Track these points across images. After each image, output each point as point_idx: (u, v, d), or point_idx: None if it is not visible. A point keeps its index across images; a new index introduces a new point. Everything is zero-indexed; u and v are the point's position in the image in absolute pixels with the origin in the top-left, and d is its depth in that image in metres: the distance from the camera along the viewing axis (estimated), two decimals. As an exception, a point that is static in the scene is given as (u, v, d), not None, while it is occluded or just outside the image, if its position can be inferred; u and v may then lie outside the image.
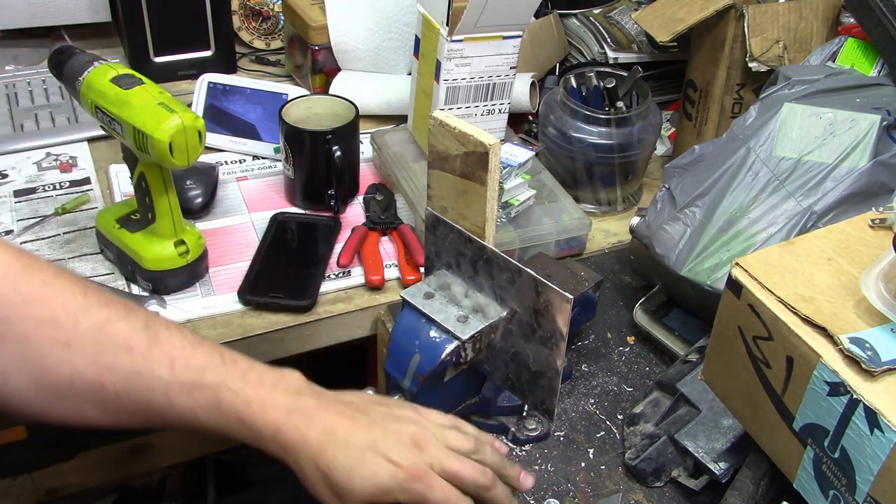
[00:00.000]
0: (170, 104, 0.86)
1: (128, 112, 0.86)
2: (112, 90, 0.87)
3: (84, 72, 0.89)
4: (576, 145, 1.09)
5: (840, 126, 0.89)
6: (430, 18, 1.07)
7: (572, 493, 0.78)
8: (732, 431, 0.76)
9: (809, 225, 0.85)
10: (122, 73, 0.89)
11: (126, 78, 0.88)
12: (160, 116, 0.85)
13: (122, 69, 0.90)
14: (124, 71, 0.89)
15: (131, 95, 0.86)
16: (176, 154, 0.86)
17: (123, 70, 0.89)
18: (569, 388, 0.89)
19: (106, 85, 0.87)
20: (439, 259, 0.77)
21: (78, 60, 0.90)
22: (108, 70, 0.89)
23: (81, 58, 0.91)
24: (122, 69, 0.90)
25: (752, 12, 1.07)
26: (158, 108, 0.86)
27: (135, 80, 0.88)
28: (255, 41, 1.45)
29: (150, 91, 0.87)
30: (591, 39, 1.32)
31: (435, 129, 0.84)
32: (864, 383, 0.58)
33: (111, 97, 0.87)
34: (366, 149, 1.20)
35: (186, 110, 0.87)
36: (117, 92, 0.87)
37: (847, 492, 0.60)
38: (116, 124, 0.88)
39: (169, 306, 0.95)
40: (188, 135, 0.86)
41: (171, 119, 0.85)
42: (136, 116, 0.85)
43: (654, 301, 0.96)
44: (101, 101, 0.88)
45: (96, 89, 0.88)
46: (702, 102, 1.16)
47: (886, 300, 0.61)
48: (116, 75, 0.88)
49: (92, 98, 0.89)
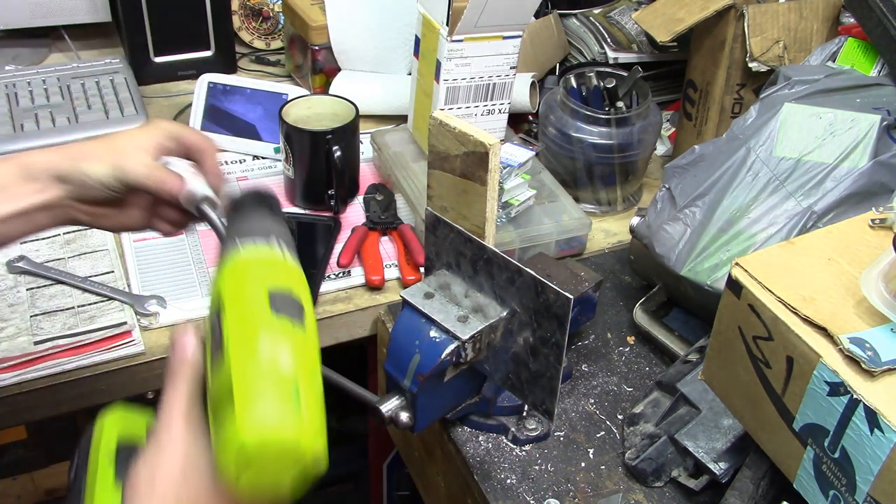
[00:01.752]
0: (303, 389, 0.49)
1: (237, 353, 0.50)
2: (256, 305, 0.51)
3: (231, 251, 0.56)
4: (576, 145, 1.09)
5: (840, 126, 0.89)
6: (430, 18, 1.07)
7: (572, 493, 0.78)
8: (732, 431, 0.76)
9: (809, 225, 0.85)
10: (286, 291, 0.53)
11: (289, 301, 0.52)
12: (268, 398, 0.48)
13: (289, 277, 0.54)
14: (292, 284, 0.54)
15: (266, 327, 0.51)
16: (245, 475, 0.48)
17: (291, 280, 0.54)
18: (569, 388, 0.89)
19: (253, 292, 0.52)
20: (439, 259, 0.77)
21: (243, 226, 0.58)
22: (270, 265, 0.55)
23: (252, 225, 0.58)
24: (289, 277, 0.54)
25: (752, 12, 1.07)
26: (279, 383, 0.49)
27: (298, 310, 0.52)
28: (255, 41, 1.45)
29: (307, 341, 0.52)
30: (591, 39, 1.32)
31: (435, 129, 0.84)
32: (864, 383, 0.58)
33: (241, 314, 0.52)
34: (366, 149, 1.20)
35: (317, 412, 0.50)
36: (261, 315, 0.51)
37: (847, 492, 0.60)
38: (217, 352, 0.51)
39: (169, 306, 0.95)
40: (286, 464, 0.48)
41: (276, 416, 0.48)
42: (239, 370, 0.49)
43: (654, 301, 0.96)
44: (226, 305, 0.52)
45: (236, 290, 0.53)
46: (702, 102, 1.16)
47: (886, 300, 0.61)
48: (278, 289, 0.53)
49: (217, 294, 0.54)
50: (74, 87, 1.28)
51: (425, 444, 0.92)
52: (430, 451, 0.91)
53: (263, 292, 0.52)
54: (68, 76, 1.31)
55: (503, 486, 0.78)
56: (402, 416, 0.72)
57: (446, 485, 0.89)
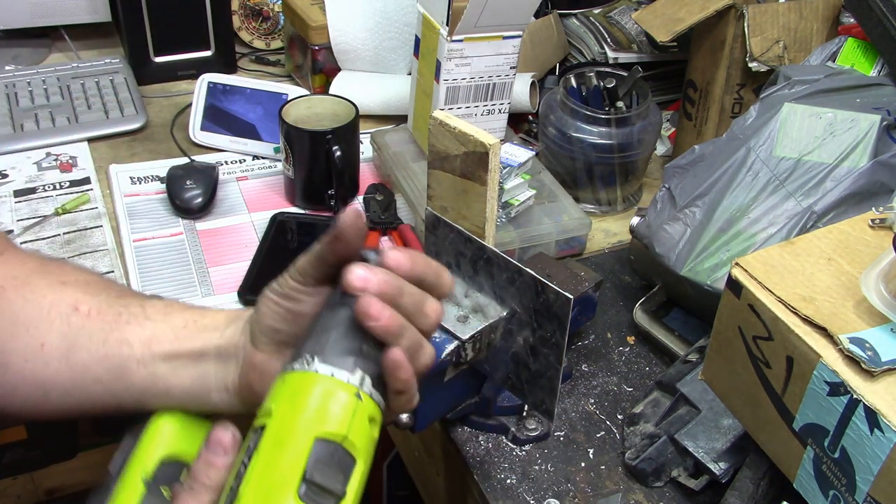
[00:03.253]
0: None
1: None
2: (285, 479, 0.47)
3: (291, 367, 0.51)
4: (576, 145, 1.09)
5: (840, 126, 0.89)
6: (430, 18, 1.07)
7: (572, 493, 0.78)
8: (732, 431, 0.76)
9: (809, 225, 0.85)
10: (335, 444, 0.49)
11: (332, 467, 0.48)
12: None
13: (351, 425, 0.49)
14: (350, 432, 0.49)
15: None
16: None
17: (353, 427, 0.50)
18: (569, 388, 0.89)
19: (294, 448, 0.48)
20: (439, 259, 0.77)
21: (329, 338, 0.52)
22: (331, 403, 0.50)
23: (338, 343, 0.52)
24: (351, 425, 0.49)
25: (752, 12, 1.07)
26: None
27: (340, 480, 0.48)
28: (255, 41, 1.45)
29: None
30: (591, 39, 1.32)
31: (435, 129, 0.84)
32: (864, 383, 0.58)
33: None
34: (366, 149, 1.20)
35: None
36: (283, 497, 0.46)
37: (847, 492, 0.60)
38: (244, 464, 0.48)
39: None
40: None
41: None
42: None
43: (654, 301, 0.96)
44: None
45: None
46: (702, 102, 1.16)
47: (886, 300, 0.61)
48: (326, 445, 0.48)
49: (266, 411, 0.50)
50: (74, 87, 1.28)
51: (425, 444, 0.92)
52: (430, 451, 0.91)
53: (304, 453, 0.47)
54: (68, 76, 1.31)
55: (503, 486, 0.78)
56: (402, 416, 0.72)
57: (446, 485, 0.89)
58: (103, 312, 0.61)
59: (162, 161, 1.18)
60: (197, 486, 0.50)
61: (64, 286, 0.62)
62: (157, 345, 0.60)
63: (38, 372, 0.60)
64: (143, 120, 1.25)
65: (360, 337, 0.52)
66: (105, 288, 0.64)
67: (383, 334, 0.52)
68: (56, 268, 0.65)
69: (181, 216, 1.09)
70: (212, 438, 0.51)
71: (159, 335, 0.60)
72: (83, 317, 0.61)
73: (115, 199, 1.11)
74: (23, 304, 0.61)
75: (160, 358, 0.60)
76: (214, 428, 0.51)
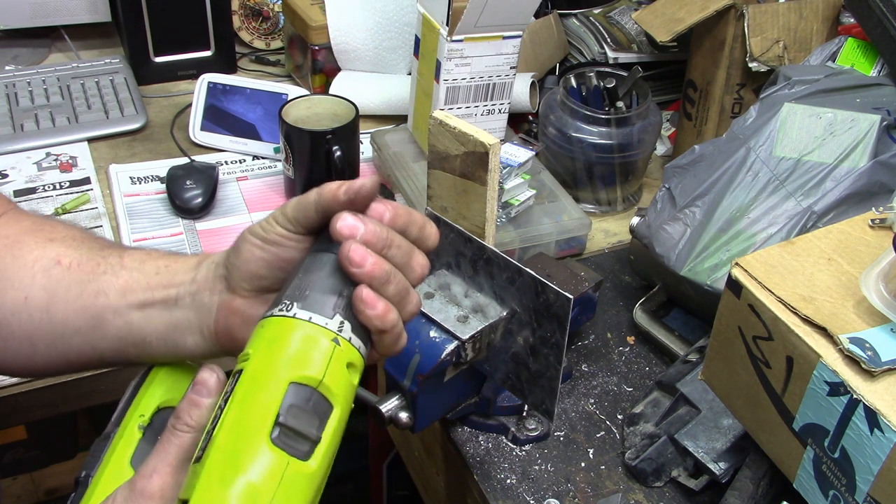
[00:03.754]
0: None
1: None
2: (258, 423, 0.47)
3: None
4: (576, 145, 1.09)
5: (840, 126, 0.89)
6: (430, 18, 1.07)
7: (572, 493, 0.78)
8: (732, 431, 0.76)
9: (809, 225, 0.85)
10: (310, 389, 0.49)
11: (306, 412, 0.48)
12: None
13: (328, 369, 0.49)
14: (327, 377, 0.49)
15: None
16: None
17: (331, 372, 0.50)
18: (569, 388, 0.89)
19: (268, 393, 0.48)
20: (439, 259, 0.77)
21: (308, 283, 0.52)
22: (311, 348, 0.50)
23: (318, 287, 0.52)
24: (328, 369, 0.49)
25: (752, 12, 1.07)
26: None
27: (315, 425, 0.48)
28: (255, 41, 1.45)
29: (301, 478, 0.47)
30: (591, 39, 1.32)
31: (435, 129, 0.84)
32: (864, 383, 0.58)
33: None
34: (366, 149, 1.20)
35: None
36: (255, 442, 0.46)
37: (847, 492, 0.60)
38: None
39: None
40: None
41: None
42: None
43: (654, 301, 0.96)
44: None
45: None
46: (702, 102, 1.16)
47: (886, 300, 0.61)
48: (301, 388, 0.48)
49: (244, 355, 0.50)
50: (74, 87, 1.28)
51: (425, 444, 0.92)
52: (430, 451, 0.91)
53: (278, 396, 0.47)
54: (68, 76, 1.31)
55: (503, 486, 0.78)
56: (402, 416, 0.72)
57: (446, 485, 0.89)
58: (83, 264, 0.62)
59: (162, 161, 1.18)
60: (179, 426, 0.51)
61: (51, 242, 0.64)
62: (131, 294, 0.60)
63: (23, 325, 0.61)
64: (143, 120, 1.25)
65: (341, 282, 0.52)
66: (89, 242, 0.65)
67: (368, 281, 0.51)
68: (48, 226, 0.66)
69: (181, 216, 1.09)
70: (197, 380, 0.52)
71: (132, 284, 0.60)
72: (64, 269, 0.61)
73: (115, 199, 1.11)
74: (11, 262, 0.62)
75: (134, 306, 0.60)
76: (201, 370, 0.52)
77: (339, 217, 0.52)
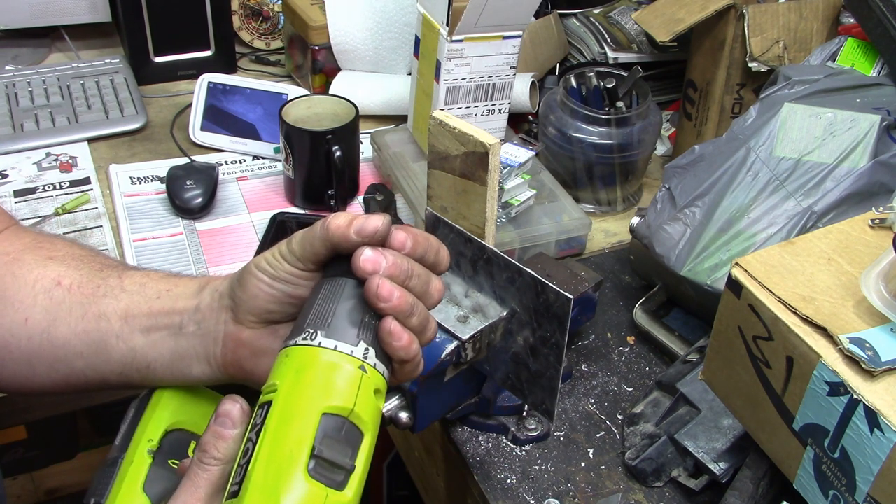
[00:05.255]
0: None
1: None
2: (293, 455, 0.47)
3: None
4: (576, 145, 1.09)
5: (840, 126, 0.89)
6: (430, 18, 1.07)
7: (572, 493, 0.78)
8: (732, 431, 0.76)
9: (809, 225, 0.85)
10: (341, 419, 0.49)
11: (338, 444, 0.48)
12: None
13: (357, 398, 0.50)
14: (357, 405, 0.49)
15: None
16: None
17: (361, 401, 0.50)
18: (569, 388, 0.89)
19: (302, 424, 0.48)
20: (439, 259, 0.77)
21: (330, 310, 0.52)
22: (336, 377, 0.50)
23: (341, 317, 0.52)
24: (357, 398, 0.50)
25: (752, 12, 1.07)
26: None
27: (349, 455, 0.48)
28: (255, 41, 1.45)
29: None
30: (591, 39, 1.32)
31: (435, 129, 0.84)
32: (864, 383, 0.58)
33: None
34: (366, 149, 1.20)
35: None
36: (291, 475, 0.46)
37: (847, 492, 0.60)
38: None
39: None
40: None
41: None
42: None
43: (654, 301, 0.96)
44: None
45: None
46: (702, 102, 1.16)
47: (886, 300, 0.61)
48: (333, 419, 0.48)
49: (271, 386, 0.50)
50: (74, 87, 1.28)
51: (425, 444, 0.92)
52: (430, 451, 0.91)
53: (312, 428, 0.47)
54: (68, 76, 1.31)
55: (503, 486, 0.78)
56: (402, 416, 0.72)
57: (446, 485, 0.89)
58: (83, 286, 0.61)
59: (162, 161, 1.18)
60: (206, 459, 0.50)
61: (51, 261, 0.63)
62: (133, 319, 0.60)
63: (22, 346, 0.61)
64: (143, 120, 1.25)
65: (362, 308, 0.52)
66: (89, 261, 0.64)
67: (394, 314, 0.52)
68: (48, 243, 0.65)
69: (181, 216, 1.09)
70: (220, 411, 0.51)
71: (133, 308, 0.60)
72: (65, 291, 0.61)
73: (115, 199, 1.11)
74: (11, 281, 0.62)
75: (137, 331, 0.60)
76: (223, 401, 0.51)
77: (359, 252, 0.52)
